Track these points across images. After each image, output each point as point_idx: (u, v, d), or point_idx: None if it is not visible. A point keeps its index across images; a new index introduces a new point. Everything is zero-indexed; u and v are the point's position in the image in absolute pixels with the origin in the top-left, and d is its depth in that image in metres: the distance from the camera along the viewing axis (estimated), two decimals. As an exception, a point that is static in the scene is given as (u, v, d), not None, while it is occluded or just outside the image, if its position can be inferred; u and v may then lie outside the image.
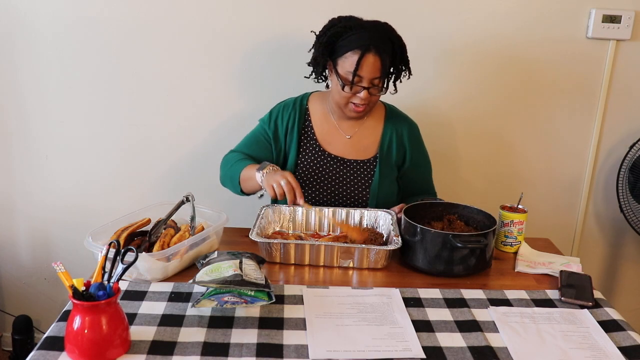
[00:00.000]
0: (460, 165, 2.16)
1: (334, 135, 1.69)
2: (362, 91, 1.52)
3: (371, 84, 1.52)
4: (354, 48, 1.49)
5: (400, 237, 1.37)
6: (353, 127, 1.70)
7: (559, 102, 2.11)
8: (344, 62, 1.52)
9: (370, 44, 1.48)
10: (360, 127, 1.70)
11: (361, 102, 1.55)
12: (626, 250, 2.31)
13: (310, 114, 1.71)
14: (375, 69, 1.49)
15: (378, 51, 1.48)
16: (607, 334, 1.10)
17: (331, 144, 1.69)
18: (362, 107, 1.56)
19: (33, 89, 2.05)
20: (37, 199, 2.18)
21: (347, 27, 1.52)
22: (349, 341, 1.04)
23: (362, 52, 1.47)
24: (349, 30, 1.51)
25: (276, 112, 1.73)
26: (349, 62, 1.50)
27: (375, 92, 1.55)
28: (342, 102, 1.58)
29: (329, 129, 1.70)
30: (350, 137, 1.69)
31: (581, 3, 1.98)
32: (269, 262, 1.36)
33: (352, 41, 1.50)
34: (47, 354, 0.96)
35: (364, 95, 1.53)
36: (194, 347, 1.00)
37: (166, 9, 1.96)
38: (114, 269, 0.99)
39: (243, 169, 1.61)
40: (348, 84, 1.52)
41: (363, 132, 1.70)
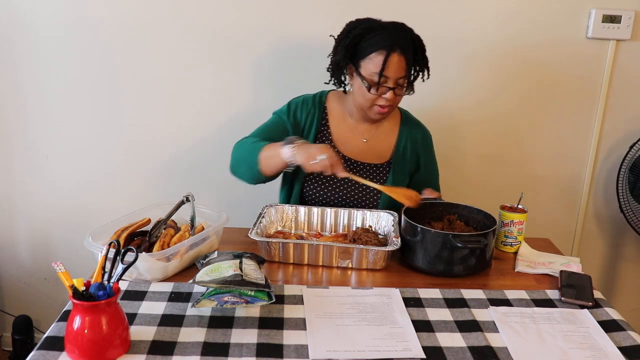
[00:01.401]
0: (460, 165, 2.16)
1: (351, 137, 1.68)
2: (388, 92, 1.51)
3: (396, 84, 1.51)
4: (379, 48, 1.48)
5: (400, 237, 1.37)
6: (370, 131, 1.69)
7: (559, 102, 2.11)
8: (367, 64, 1.50)
9: (395, 44, 1.47)
10: (377, 131, 1.69)
11: (386, 103, 1.53)
12: (626, 250, 2.31)
13: (329, 113, 1.69)
14: (401, 68, 1.49)
15: (402, 50, 1.48)
16: (607, 334, 1.10)
17: (346, 145, 1.67)
18: (387, 108, 1.55)
19: (33, 89, 2.05)
20: (37, 199, 2.18)
21: (369, 28, 1.51)
22: (349, 341, 1.04)
23: (388, 52, 1.47)
24: (371, 31, 1.50)
25: (294, 105, 1.69)
26: (374, 63, 1.49)
27: (400, 92, 1.54)
28: (366, 104, 1.56)
29: (346, 131, 1.68)
30: (367, 141, 1.68)
31: (581, 3, 1.98)
32: (268, 261, 1.36)
33: (376, 42, 1.49)
34: (47, 354, 0.96)
35: (389, 96, 1.52)
36: (194, 347, 1.00)
37: (166, 9, 1.96)
38: (114, 269, 0.99)
39: (263, 148, 1.51)
40: (374, 85, 1.51)
41: (379, 136, 1.69)
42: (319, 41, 2.00)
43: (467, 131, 2.13)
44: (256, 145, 1.54)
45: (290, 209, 1.56)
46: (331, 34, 1.60)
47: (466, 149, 2.15)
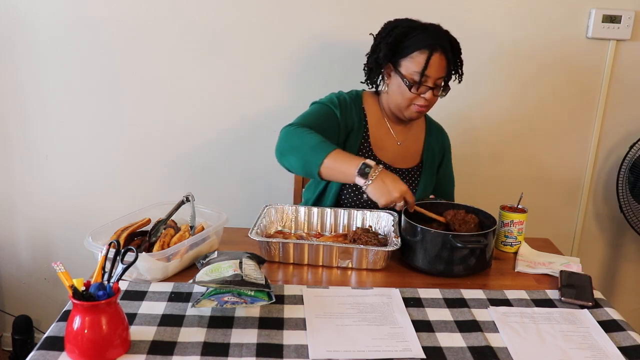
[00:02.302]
0: (460, 165, 2.15)
1: (386, 140, 1.66)
2: (428, 91, 1.51)
3: (435, 84, 1.52)
4: (422, 48, 1.48)
5: (400, 237, 1.37)
6: (403, 133, 1.68)
7: (559, 102, 2.11)
8: (409, 62, 1.50)
9: (437, 43, 1.48)
10: (409, 133, 1.69)
11: (425, 102, 1.53)
12: (626, 250, 2.31)
13: (367, 114, 1.66)
14: (442, 68, 1.50)
15: (444, 51, 1.49)
16: (607, 334, 1.10)
17: (383, 149, 1.65)
18: (424, 107, 1.55)
19: (33, 90, 2.05)
20: (37, 199, 2.18)
21: (411, 27, 1.51)
22: (349, 341, 1.04)
23: (430, 51, 1.47)
24: (414, 30, 1.50)
25: (344, 102, 1.60)
26: (416, 62, 1.48)
27: (437, 92, 1.54)
28: (404, 103, 1.55)
29: (382, 134, 1.66)
30: (401, 144, 1.67)
31: (581, 3, 1.99)
32: (268, 261, 1.36)
33: (419, 41, 1.49)
34: (47, 354, 0.96)
35: (429, 96, 1.52)
36: (194, 347, 1.00)
37: (167, 9, 1.96)
38: (114, 269, 0.99)
39: (329, 154, 1.37)
40: (415, 84, 1.50)
41: (410, 138, 1.69)
42: (322, 41, 2.01)
43: (467, 131, 2.13)
44: (320, 144, 1.40)
45: (290, 209, 1.56)
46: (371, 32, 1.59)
47: (466, 149, 2.15)
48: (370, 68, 1.60)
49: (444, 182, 1.78)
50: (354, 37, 1.94)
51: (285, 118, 1.57)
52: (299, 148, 1.43)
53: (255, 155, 2.11)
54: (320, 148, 1.40)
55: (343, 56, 2.00)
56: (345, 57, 2.00)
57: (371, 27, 1.60)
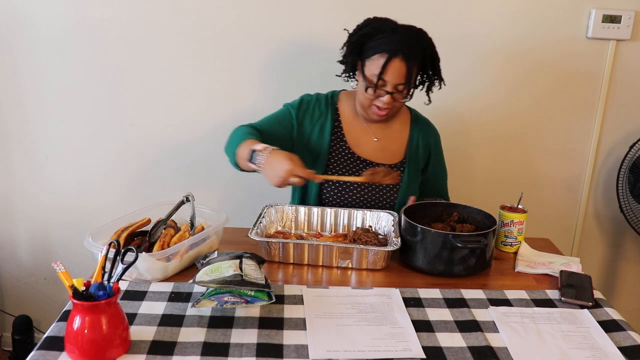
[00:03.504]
0: (460, 165, 2.16)
1: (363, 137, 1.67)
2: (385, 95, 1.51)
3: (395, 89, 1.51)
4: (382, 51, 1.47)
5: (400, 238, 1.37)
6: (381, 130, 1.68)
7: (559, 102, 2.11)
8: (370, 64, 1.50)
9: (399, 49, 1.46)
10: (388, 130, 1.69)
11: (384, 105, 1.53)
12: (626, 250, 2.31)
13: (340, 113, 1.68)
14: (401, 74, 1.48)
15: (405, 57, 1.46)
16: (607, 334, 1.10)
17: (360, 146, 1.67)
18: (384, 111, 1.55)
19: (33, 89, 2.05)
20: (37, 199, 2.18)
21: (379, 29, 1.50)
22: (349, 341, 1.04)
23: (389, 56, 1.46)
24: (379, 33, 1.49)
25: (306, 103, 1.66)
26: (375, 64, 1.48)
27: (398, 97, 1.53)
28: (365, 103, 1.56)
29: (358, 131, 1.68)
30: (378, 140, 1.68)
31: (581, 3, 1.98)
32: (268, 261, 1.36)
33: (381, 44, 1.48)
34: (47, 354, 0.96)
35: (386, 100, 1.52)
36: (194, 347, 1.00)
37: (166, 9, 1.96)
38: (114, 269, 0.99)
39: (241, 144, 1.46)
40: (372, 86, 1.51)
41: (390, 135, 1.69)
42: (320, 41, 2.01)
43: (467, 131, 2.13)
44: (243, 136, 1.49)
45: (290, 209, 1.56)
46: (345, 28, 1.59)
47: (465, 149, 2.15)
48: (342, 63, 1.62)
49: (435, 177, 1.77)
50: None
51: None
52: (229, 142, 1.54)
53: (255, 155, 2.11)
54: (238, 140, 1.48)
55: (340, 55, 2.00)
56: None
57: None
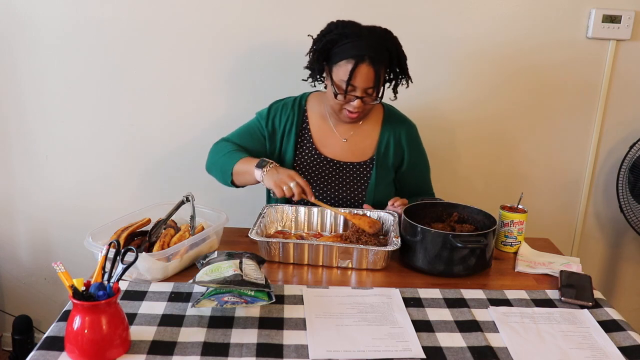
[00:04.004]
0: (460, 165, 2.16)
1: (330, 137, 1.69)
2: (355, 100, 1.51)
3: (365, 94, 1.51)
4: (348, 57, 1.47)
5: (400, 238, 1.37)
6: (349, 130, 1.69)
7: (559, 102, 2.11)
8: (338, 70, 1.50)
9: (365, 54, 1.45)
10: (357, 130, 1.69)
11: (354, 109, 1.54)
12: (626, 250, 2.31)
13: (308, 115, 1.70)
14: (369, 79, 1.48)
15: (372, 61, 1.46)
16: (607, 334, 1.10)
17: (327, 146, 1.68)
18: (356, 114, 1.56)
19: (33, 89, 2.05)
20: (37, 199, 2.18)
21: (343, 34, 1.49)
22: (349, 341, 1.04)
23: (356, 62, 1.45)
24: (344, 38, 1.49)
25: (274, 111, 1.71)
26: (343, 70, 1.48)
27: (369, 100, 1.54)
28: (336, 107, 1.57)
29: (325, 132, 1.69)
30: (347, 140, 1.68)
31: (581, 3, 1.98)
32: (268, 261, 1.36)
33: (347, 50, 1.47)
34: (47, 354, 0.96)
35: (357, 104, 1.52)
36: (194, 347, 1.00)
37: (166, 10, 1.96)
38: (114, 269, 0.99)
39: (238, 162, 1.57)
40: (341, 92, 1.51)
41: (359, 134, 1.69)
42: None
43: (468, 131, 2.13)
44: (232, 156, 1.60)
45: (290, 209, 1.56)
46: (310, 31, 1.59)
47: (467, 149, 2.15)
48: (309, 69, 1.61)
49: (414, 172, 1.75)
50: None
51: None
52: (215, 163, 1.66)
53: (255, 155, 2.11)
54: (230, 160, 1.59)
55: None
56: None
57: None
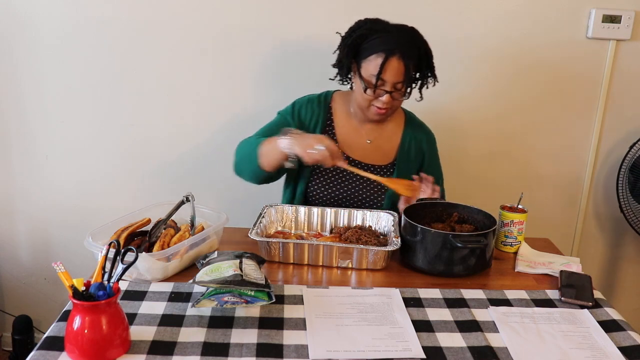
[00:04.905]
0: (460, 165, 2.16)
1: (355, 138, 1.67)
2: (385, 95, 1.51)
3: (394, 88, 1.51)
4: (379, 51, 1.47)
5: (400, 238, 1.37)
6: (374, 132, 1.68)
7: (559, 102, 2.11)
8: (367, 65, 1.50)
9: (396, 48, 1.46)
10: (381, 131, 1.69)
11: (383, 105, 1.53)
12: (626, 250, 2.31)
13: (334, 113, 1.68)
14: (399, 73, 1.48)
15: (403, 56, 1.47)
16: (607, 334, 1.10)
17: (351, 146, 1.67)
18: (384, 110, 1.55)
19: (33, 89, 2.05)
20: (37, 199, 2.18)
21: (372, 29, 1.50)
22: (349, 341, 1.04)
23: (387, 55, 1.46)
24: (374, 33, 1.50)
25: (299, 105, 1.68)
26: (373, 65, 1.48)
27: (397, 96, 1.53)
28: (364, 104, 1.56)
29: (350, 132, 1.68)
30: (371, 142, 1.68)
31: (581, 3, 1.99)
32: (268, 261, 1.36)
33: (377, 44, 1.48)
34: (47, 354, 0.96)
35: (386, 99, 1.52)
36: (194, 347, 1.00)
37: (167, 9, 1.96)
38: (114, 269, 0.99)
39: (262, 142, 1.51)
40: (371, 87, 1.51)
41: (383, 137, 1.69)
42: (321, 41, 2.00)
43: (467, 131, 2.13)
44: (257, 141, 1.54)
45: (290, 209, 1.56)
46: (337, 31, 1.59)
47: (466, 149, 2.15)
48: (337, 67, 1.62)
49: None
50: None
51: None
52: (244, 154, 1.58)
53: (255, 155, 2.11)
54: (255, 144, 1.53)
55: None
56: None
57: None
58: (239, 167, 1.62)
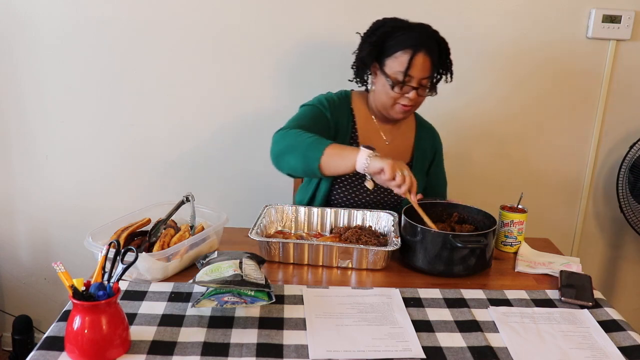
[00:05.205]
0: (460, 165, 2.16)
1: (375, 140, 1.66)
2: (411, 91, 1.51)
3: (419, 84, 1.51)
4: (405, 47, 1.47)
5: (400, 238, 1.37)
6: (391, 132, 1.68)
7: (558, 102, 2.11)
8: (393, 62, 1.50)
9: (421, 44, 1.47)
10: (397, 132, 1.69)
11: (409, 102, 1.53)
12: (626, 250, 2.31)
13: (355, 114, 1.66)
14: (425, 69, 1.49)
15: (428, 51, 1.48)
16: (607, 334, 1.10)
17: None
18: (409, 107, 1.55)
19: (33, 89, 2.05)
20: (37, 199, 2.18)
21: (396, 27, 1.51)
22: (349, 341, 1.04)
23: (414, 51, 1.46)
24: (398, 30, 1.50)
25: (332, 103, 1.60)
26: (399, 61, 1.48)
27: (422, 92, 1.53)
28: (389, 102, 1.55)
29: (371, 133, 1.66)
30: (389, 143, 1.67)
31: (581, 3, 1.99)
32: (268, 261, 1.36)
33: (403, 41, 1.48)
34: (47, 354, 0.96)
35: (412, 96, 1.51)
36: (194, 347, 1.00)
37: (168, 8, 1.96)
38: (114, 269, 0.99)
39: (329, 146, 1.37)
40: (398, 84, 1.50)
41: (399, 137, 1.69)
42: (321, 41, 2.01)
43: (467, 131, 2.13)
44: (318, 140, 1.41)
45: (290, 209, 1.56)
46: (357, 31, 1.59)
47: (466, 148, 2.15)
48: (357, 67, 1.61)
49: (436, 182, 1.78)
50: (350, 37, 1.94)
51: (287, 118, 1.57)
52: (296, 146, 1.42)
53: (255, 155, 2.11)
54: (317, 142, 1.40)
55: (341, 55, 1.99)
56: (342, 56, 1.99)
57: (367, 26, 1.60)
58: (282, 158, 1.46)
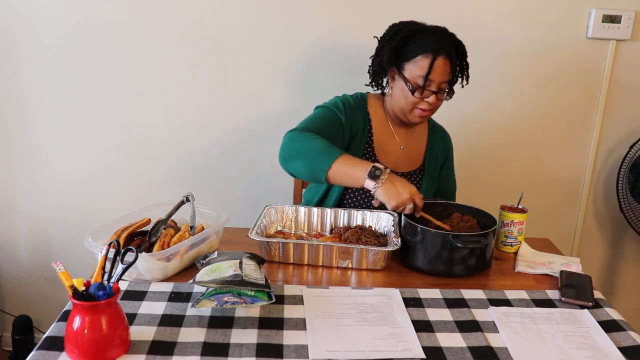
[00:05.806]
0: (459, 165, 2.15)
1: (390, 144, 1.65)
2: (431, 95, 1.50)
3: (439, 88, 1.50)
4: (425, 52, 1.46)
5: (400, 238, 1.37)
6: (405, 137, 1.67)
7: (559, 102, 2.11)
8: (412, 67, 1.48)
9: (441, 48, 1.46)
10: (411, 136, 1.68)
11: (428, 106, 1.52)
12: (626, 250, 2.31)
13: (371, 118, 1.63)
14: (445, 72, 1.48)
15: (448, 55, 1.47)
16: (607, 334, 1.10)
17: (386, 153, 1.64)
18: (428, 111, 1.53)
19: (33, 89, 2.05)
20: (37, 199, 2.18)
21: (415, 30, 1.49)
22: (349, 341, 1.04)
23: (434, 55, 1.45)
24: (418, 34, 1.49)
25: (349, 105, 1.58)
26: (419, 66, 1.47)
27: (442, 96, 1.53)
28: (407, 107, 1.53)
29: (386, 138, 1.65)
30: (404, 148, 1.66)
31: (581, 3, 1.99)
32: (268, 261, 1.36)
33: (423, 45, 1.47)
34: (47, 354, 0.96)
35: (432, 100, 1.50)
36: (194, 347, 1.00)
37: (167, 9, 1.96)
38: (114, 269, 0.99)
39: (338, 158, 1.36)
40: (418, 88, 1.49)
41: (413, 142, 1.68)
42: (321, 41, 2.01)
43: (467, 131, 2.13)
44: (327, 149, 1.39)
45: (290, 209, 1.56)
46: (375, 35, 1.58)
47: (466, 149, 2.15)
48: (375, 71, 1.59)
49: (446, 185, 1.78)
50: (357, 39, 1.94)
51: (286, 118, 1.57)
52: (305, 153, 1.41)
53: (255, 156, 2.11)
54: (327, 152, 1.38)
55: (346, 58, 2.00)
56: (348, 59, 1.99)
57: (375, 29, 1.59)
58: (290, 161, 1.45)
